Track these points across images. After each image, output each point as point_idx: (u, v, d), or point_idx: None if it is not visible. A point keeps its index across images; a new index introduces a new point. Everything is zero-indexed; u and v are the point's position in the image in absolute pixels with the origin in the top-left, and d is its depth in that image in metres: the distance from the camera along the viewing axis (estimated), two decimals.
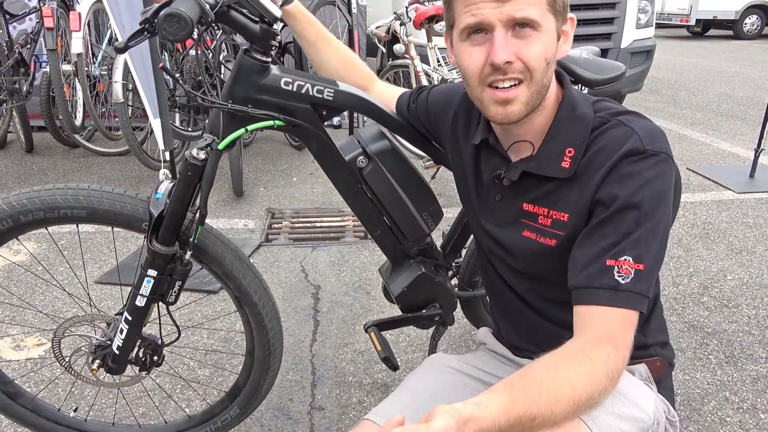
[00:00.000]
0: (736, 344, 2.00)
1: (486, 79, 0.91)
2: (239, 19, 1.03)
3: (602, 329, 0.86)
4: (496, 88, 0.91)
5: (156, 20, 0.86)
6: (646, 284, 0.86)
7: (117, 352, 1.26)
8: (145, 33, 0.89)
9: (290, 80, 1.11)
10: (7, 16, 3.76)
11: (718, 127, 4.94)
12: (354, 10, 3.84)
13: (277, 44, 1.10)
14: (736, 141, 4.52)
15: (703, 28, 13.14)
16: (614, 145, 0.91)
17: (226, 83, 1.10)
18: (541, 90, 0.92)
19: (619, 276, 0.86)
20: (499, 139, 1.03)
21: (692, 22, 12.46)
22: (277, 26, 1.06)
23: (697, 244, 2.77)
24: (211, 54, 3.48)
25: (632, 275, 0.85)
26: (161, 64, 1.05)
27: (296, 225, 3.02)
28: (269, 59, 1.08)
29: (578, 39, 4.45)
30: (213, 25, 0.95)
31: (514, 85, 0.90)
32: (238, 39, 3.40)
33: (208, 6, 0.87)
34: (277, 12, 1.03)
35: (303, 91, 1.12)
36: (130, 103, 3.22)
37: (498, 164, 1.04)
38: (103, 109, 3.78)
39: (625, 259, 0.86)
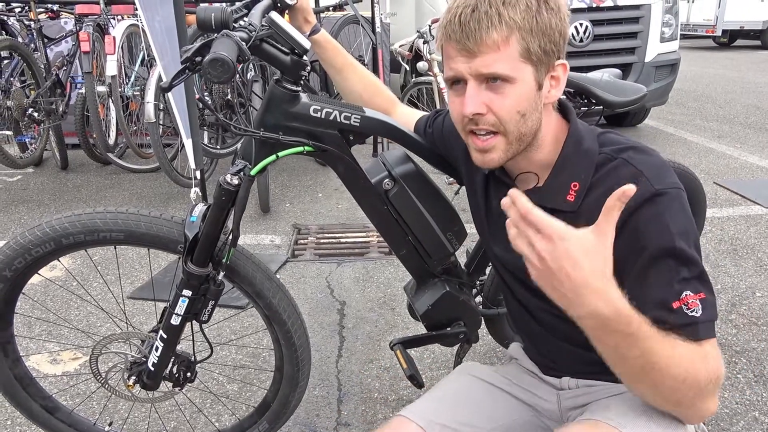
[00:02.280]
0: (765, 363, 1.97)
1: (465, 126, 0.96)
2: (271, 52, 1.08)
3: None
4: (476, 135, 0.96)
5: (197, 59, 0.92)
6: (714, 311, 0.86)
7: (152, 369, 1.31)
8: (187, 72, 0.94)
9: (319, 108, 1.15)
10: (46, 40, 3.91)
11: (746, 140, 4.87)
12: (378, 29, 3.90)
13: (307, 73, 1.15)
14: (765, 154, 4.45)
15: (730, 39, 12.97)
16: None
17: (258, 112, 1.15)
18: (521, 138, 0.95)
19: (690, 311, 0.84)
20: (506, 170, 1.06)
21: (718, 33, 12.31)
22: (306, 57, 1.10)
23: (725, 260, 2.73)
24: (239, 76, 3.57)
25: (700, 306, 0.85)
26: (198, 96, 1.10)
27: (322, 241, 3.06)
28: (299, 88, 1.13)
29: (602, 54, 4.49)
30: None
31: (492, 134, 0.94)
32: None
33: (244, 44, 0.92)
34: (306, 44, 1.07)
35: (331, 117, 1.17)
36: (161, 122, 3.32)
37: (506, 193, 1.07)
38: (135, 128, 3.90)
39: (687, 295, 0.85)
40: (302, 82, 1.14)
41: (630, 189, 0.73)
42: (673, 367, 0.78)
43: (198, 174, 2.62)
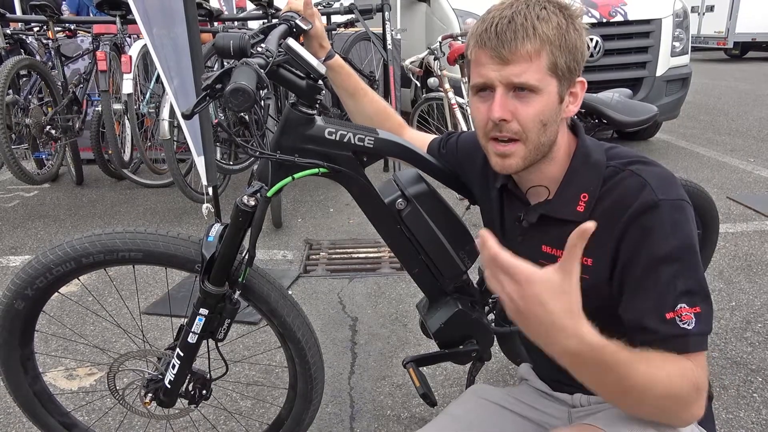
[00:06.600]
0: None
1: (489, 132, 1.00)
2: (287, 77, 1.11)
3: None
4: (497, 141, 0.99)
5: (217, 86, 0.95)
6: (708, 325, 0.89)
7: (168, 386, 1.33)
8: (207, 99, 0.97)
9: (333, 130, 1.18)
10: (63, 58, 3.98)
11: (759, 154, 4.84)
12: (389, 46, 3.94)
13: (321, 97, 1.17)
14: None
15: (742, 51, 12.91)
16: (628, 198, 0.94)
17: (274, 134, 1.18)
18: (539, 147, 0.99)
19: (682, 323, 0.88)
20: (517, 184, 1.10)
21: (730, 45, 12.26)
22: (321, 82, 1.13)
23: (739, 276, 2.71)
24: None
25: (693, 319, 0.88)
26: (216, 120, 1.13)
27: (333, 256, 3.08)
28: (314, 112, 1.16)
29: (613, 68, 4.49)
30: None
31: (512, 141, 0.98)
32: None
33: (262, 71, 0.95)
34: (322, 69, 1.10)
35: (345, 140, 1.19)
36: (175, 139, 3.36)
37: (518, 207, 1.11)
38: (149, 144, 3.95)
39: (681, 307, 0.88)
40: (317, 105, 1.17)
41: (590, 226, 0.73)
42: (651, 388, 0.81)
43: (210, 190, 2.65)
